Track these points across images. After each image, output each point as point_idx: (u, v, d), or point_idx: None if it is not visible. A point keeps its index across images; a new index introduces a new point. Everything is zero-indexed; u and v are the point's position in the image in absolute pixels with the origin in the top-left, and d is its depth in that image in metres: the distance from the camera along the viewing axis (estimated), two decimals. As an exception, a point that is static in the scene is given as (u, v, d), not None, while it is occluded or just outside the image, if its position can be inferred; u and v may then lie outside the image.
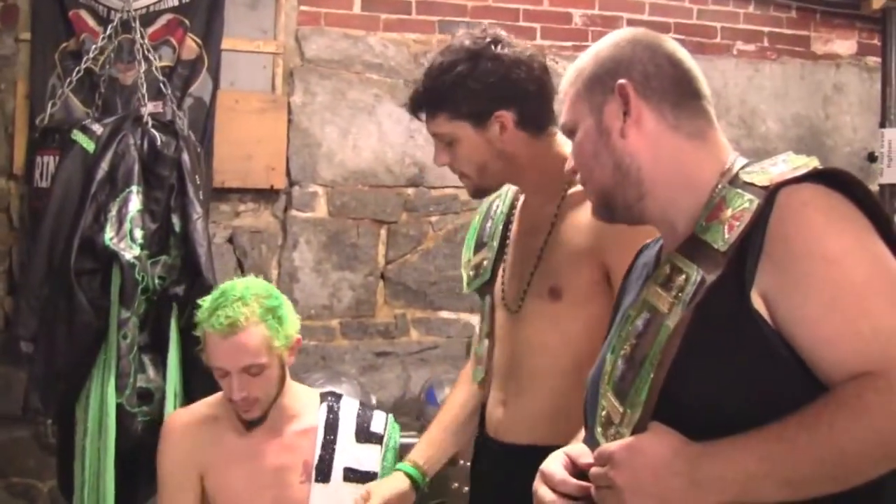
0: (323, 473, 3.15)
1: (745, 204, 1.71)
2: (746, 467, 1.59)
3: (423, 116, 2.74)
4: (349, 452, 3.19)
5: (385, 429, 3.27)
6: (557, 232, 2.67)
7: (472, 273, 2.93)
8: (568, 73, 1.97)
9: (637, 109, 1.85)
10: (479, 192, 2.81)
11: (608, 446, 1.71)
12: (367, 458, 3.20)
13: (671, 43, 1.93)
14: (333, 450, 3.19)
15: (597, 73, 1.90)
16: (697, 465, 1.62)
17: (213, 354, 3.01)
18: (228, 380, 3.01)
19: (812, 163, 1.75)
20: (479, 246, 2.93)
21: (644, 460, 1.65)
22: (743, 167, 1.81)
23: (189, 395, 3.58)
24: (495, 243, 2.87)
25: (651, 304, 1.82)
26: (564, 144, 2.56)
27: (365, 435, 3.23)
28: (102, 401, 3.46)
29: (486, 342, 2.88)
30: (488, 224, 2.94)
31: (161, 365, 3.57)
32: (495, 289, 2.83)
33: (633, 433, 1.71)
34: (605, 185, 1.90)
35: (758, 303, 1.65)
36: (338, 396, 3.34)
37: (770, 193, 1.68)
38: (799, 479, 1.57)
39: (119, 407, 3.47)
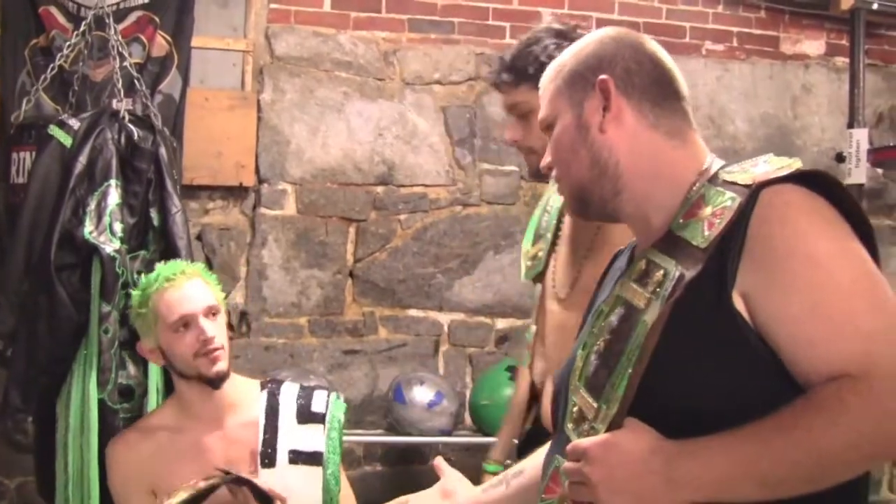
0: (268, 459, 3.17)
1: (727, 202, 1.71)
2: (723, 467, 1.59)
3: (504, 87, 2.85)
4: (292, 435, 3.22)
5: (327, 407, 3.30)
6: (609, 226, 2.69)
7: (529, 263, 3.02)
8: (548, 70, 1.99)
9: (617, 105, 1.85)
10: (540, 172, 2.85)
11: (582, 442, 1.71)
12: (311, 438, 3.24)
13: (653, 43, 1.95)
14: (277, 435, 3.21)
15: (578, 69, 1.91)
16: (674, 463, 1.61)
17: (175, 306, 3.12)
18: (194, 327, 3.11)
19: (795, 164, 1.75)
20: (537, 238, 3.02)
21: (620, 457, 1.65)
22: (722, 167, 1.82)
23: (170, 391, 3.56)
24: (549, 236, 2.95)
25: (625, 299, 1.82)
26: None
27: (306, 416, 3.27)
28: (84, 396, 3.44)
29: (533, 328, 3.01)
30: (545, 217, 3.02)
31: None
32: (546, 279, 2.92)
33: (608, 429, 1.70)
34: (581, 179, 1.90)
35: (738, 301, 1.65)
36: (279, 382, 3.38)
37: (753, 192, 1.68)
38: (775, 480, 1.57)
39: (101, 403, 3.45)
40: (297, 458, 3.20)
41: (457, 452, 5.32)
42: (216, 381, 3.13)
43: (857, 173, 5.32)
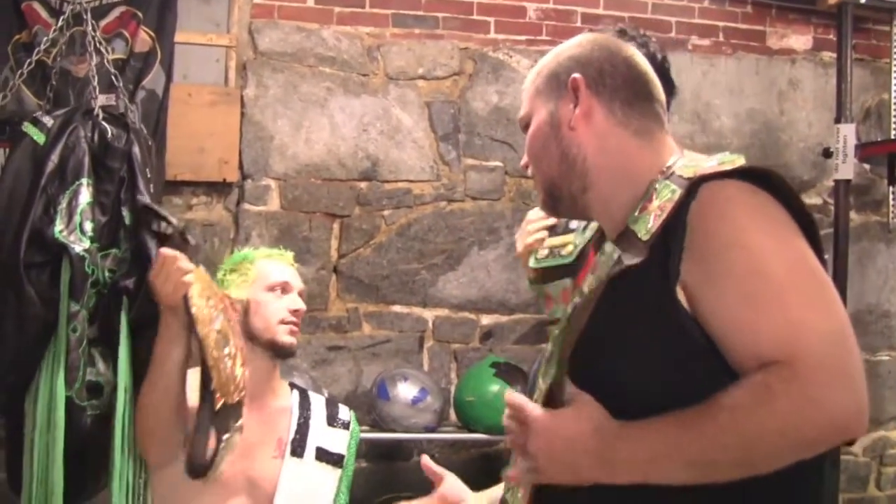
0: (299, 448, 3.36)
1: (669, 195, 1.76)
2: (655, 450, 1.65)
3: None
4: (322, 434, 3.42)
5: (349, 418, 3.55)
6: None
7: (545, 252, 3.04)
8: (531, 72, 2.07)
9: (587, 103, 1.92)
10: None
11: (531, 411, 1.77)
12: (338, 441, 3.45)
13: (631, 49, 2.02)
14: (308, 429, 3.40)
15: (555, 70, 1.99)
16: (610, 445, 1.68)
17: (278, 272, 3.43)
18: (289, 296, 3.39)
19: (739, 161, 1.80)
20: (564, 230, 3.03)
21: (561, 433, 1.73)
22: (681, 163, 1.87)
23: (139, 390, 3.57)
24: (588, 234, 2.95)
25: (582, 290, 1.92)
26: None
27: (333, 420, 3.48)
28: (52, 394, 3.44)
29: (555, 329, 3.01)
30: None
31: (111, 359, 3.55)
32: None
33: (548, 387, 1.84)
34: (551, 175, 1.97)
35: (680, 293, 1.70)
36: (303, 389, 3.59)
37: (692, 185, 1.73)
38: (704, 463, 1.62)
39: (68, 400, 3.45)
40: (323, 456, 3.40)
41: (441, 449, 5.33)
42: (284, 352, 3.35)
43: (845, 169, 5.29)
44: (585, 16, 5.55)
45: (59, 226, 3.53)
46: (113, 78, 4.26)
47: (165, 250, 3.08)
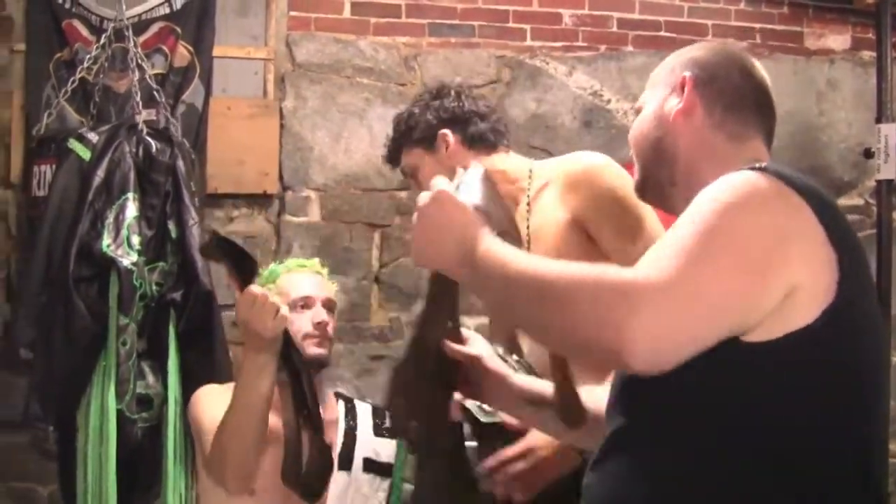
0: (345, 462, 3.36)
1: None
2: (494, 275, 1.79)
3: (390, 160, 3.32)
4: (368, 444, 3.44)
5: None
6: (534, 224, 2.97)
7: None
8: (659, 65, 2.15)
9: (691, 101, 1.99)
10: None
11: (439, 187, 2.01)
12: (385, 449, 3.46)
13: (752, 62, 2.08)
14: (354, 440, 3.43)
15: (674, 67, 2.06)
16: (475, 248, 1.84)
17: (300, 285, 3.42)
18: (312, 309, 3.39)
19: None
20: None
21: (445, 212, 1.93)
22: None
23: (188, 401, 3.60)
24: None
25: None
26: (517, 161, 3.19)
27: (381, 430, 3.49)
28: (103, 407, 3.48)
29: None
30: None
31: (160, 371, 3.59)
32: None
33: None
34: (645, 162, 2.06)
35: None
36: (350, 398, 3.62)
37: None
38: (512, 304, 1.77)
39: (119, 413, 3.49)
40: (371, 467, 3.42)
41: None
42: (315, 364, 3.31)
43: (887, 169, 5.25)
44: (621, 21, 5.55)
45: (106, 240, 3.58)
46: (155, 93, 4.31)
47: (253, 289, 3.02)
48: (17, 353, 3.80)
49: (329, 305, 3.46)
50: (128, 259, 3.57)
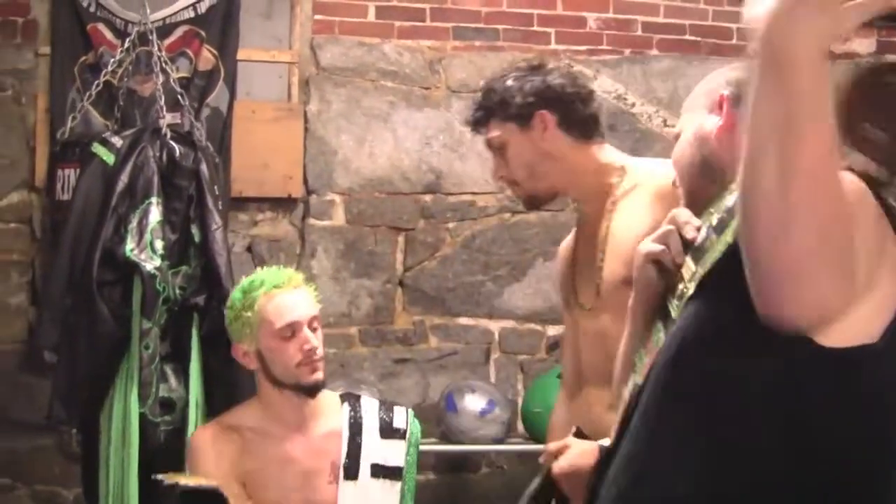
0: (351, 472, 3.26)
1: None
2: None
3: (476, 127, 3.04)
4: (375, 449, 3.32)
5: (407, 424, 3.42)
6: (615, 227, 2.85)
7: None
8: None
9: (730, 118, 1.96)
10: (531, 201, 3.03)
11: None
12: (393, 453, 3.35)
13: None
14: (359, 448, 3.30)
15: (710, 90, 2.05)
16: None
17: (284, 312, 3.19)
18: (298, 335, 3.18)
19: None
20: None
21: None
22: None
23: (211, 404, 3.61)
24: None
25: None
26: (612, 154, 2.97)
27: (388, 432, 3.37)
28: (125, 410, 3.50)
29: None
30: None
31: (182, 374, 3.60)
32: (569, 298, 3.02)
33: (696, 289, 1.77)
34: (692, 184, 2.04)
35: None
36: (356, 397, 3.47)
37: None
38: None
39: (142, 416, 3.50)
40: (379, 472, 3.31)
41: (509, 460, 5.32)
42: (313, 390, 3.22)
43: (912, 173, 5.23)
44: (646, 25, 5.53)
45: (129, 245, 3.59)
46: (179, 97, 4.32)
47: None
48: (41, 356, 3.82)
49: (314, 323, 3.27)
50: (151, 264, 3.57)
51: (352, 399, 3.43)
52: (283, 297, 3.21)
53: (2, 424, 4.60)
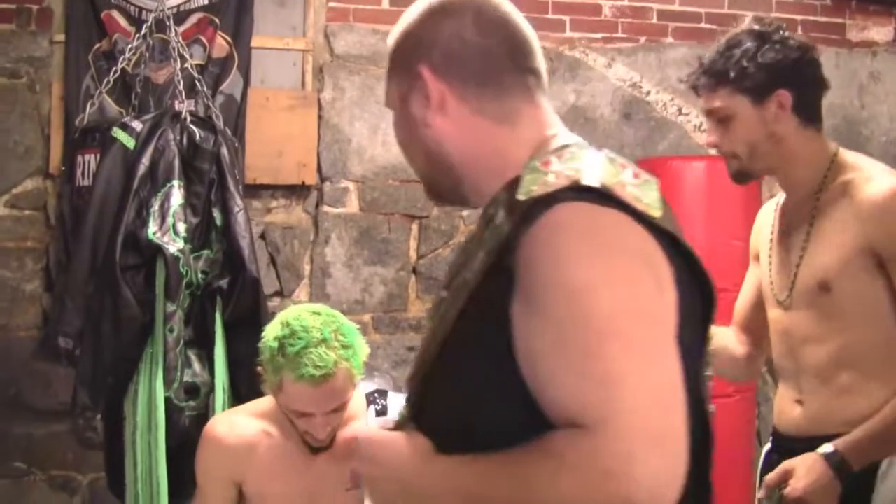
0: None
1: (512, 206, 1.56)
2: (449, 496, 1.53)
3: (702, 91, 2.77)
4: None
5: None
6: (819, 226, 2.70)
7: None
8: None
9: (439, 95, 1.70)
10: (742, 175, 2.82)
11: (361, 437, 1.81)
12: None
13: (485, 5, 1.74)
14: None
15: (400, 54, 1.78)
16: (412, 478, 1.60)
17: (300, 401, 2.91)
18: (311, 420, 2.94)
19: (579, 173, 1.54)
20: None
21: (383, 464, 1.71)
22: (556, 150, 1.64)
23: (236, 389, 3.59)
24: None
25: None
26: (828, 142, 2.78)
27: None
28: (151, 395, 3.48)
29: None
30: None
31: (206, 360, 3.59)
32: (764, 286, 2.89)
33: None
34: (422, 171, 1.79)
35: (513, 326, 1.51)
36: (383, 393, 3.42)
37: (526, 210, 1.51)
38: None
39: (167, 401, 3.49)
40: None
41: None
42: (315, 449, 3.04)
43: (931, 163, 5.22)
44: (661, 12, 5.52)
45: (152, 227, 3.58)
46: (197, 83, 4.30)
47: None
48: (55, 342, 3.79)
49: (339, 408, 2.98)
50: (174, 246, 3.57)
51: (377, 396, 3.35)
52: (309, 391, 2.88)
53: (17, 410, 4.58)
